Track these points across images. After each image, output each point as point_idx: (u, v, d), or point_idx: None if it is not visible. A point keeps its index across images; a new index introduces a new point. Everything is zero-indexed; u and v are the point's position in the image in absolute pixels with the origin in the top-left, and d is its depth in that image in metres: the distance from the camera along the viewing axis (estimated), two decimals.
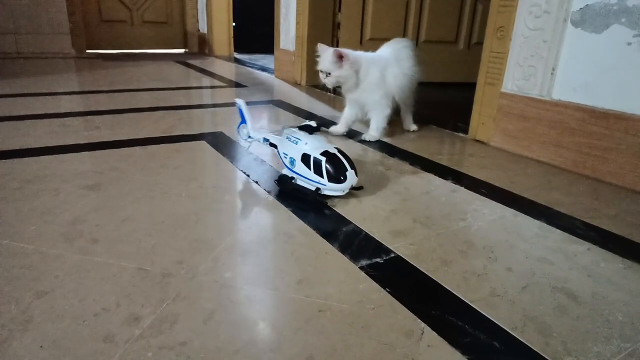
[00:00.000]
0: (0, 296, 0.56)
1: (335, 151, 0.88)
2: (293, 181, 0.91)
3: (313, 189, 0.88)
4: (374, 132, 1.35)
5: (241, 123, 1.07)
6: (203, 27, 3.74)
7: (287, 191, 0.92)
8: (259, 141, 1.03)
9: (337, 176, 0.85)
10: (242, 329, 0.52)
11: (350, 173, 0.86)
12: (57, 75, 2.31)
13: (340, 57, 1.21)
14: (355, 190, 0.92)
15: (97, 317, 0.52)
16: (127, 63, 2.94)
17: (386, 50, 1.38)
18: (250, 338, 0.51)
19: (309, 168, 0.87)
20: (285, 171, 0.94)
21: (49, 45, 3.06)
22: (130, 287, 0.58)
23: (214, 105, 1.82)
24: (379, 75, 1.27)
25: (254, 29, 4.05)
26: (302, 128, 0.91)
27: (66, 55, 3.10)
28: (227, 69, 2.90)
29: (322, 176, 0.85)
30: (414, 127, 1.50)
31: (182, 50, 3.86)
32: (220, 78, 2.52)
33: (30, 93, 1.83)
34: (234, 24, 3.68)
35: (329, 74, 1.24)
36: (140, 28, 3.65)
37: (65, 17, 3.05)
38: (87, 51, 3.28)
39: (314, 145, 0.88)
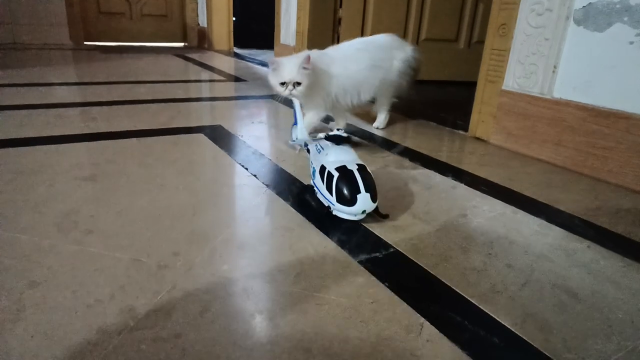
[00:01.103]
0: None
1: (355, 168, 0.76)
2: (314, 194, 0.83)
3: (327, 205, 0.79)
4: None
5: (294, 124, 1.02)
6: (203, 21, 3.72)
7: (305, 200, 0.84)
8: (300, 145, 0.97)
9: (345, 197, 0.74)
10: (239, 322, 0.51)
11: (363, 196, 0.73)
12: (53, 67, 2.29)
13: (308, 62, 1.10)
14: (378, 216, 0.79)
15: (91, 308, 0.51)
16: (126, 56, 2.92)
17: (341, 48, 1.28)
18: (246, 331, 0.50)
19: (323, 182, 0.78)
20: (312, 182, 0.85)
21: (46, 36, 3.04)
22: (125, 278, 0.57)
23: (213, 99, 1.81)
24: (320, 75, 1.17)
25: (254, 24, 4.03)
26: (330, 138, 0.83)
27: (63, 46, 3.07)
28: (226, 64, 2.88)
29: (331, 194, 0.75)
30: (377, 123, 1.46)
31: (181, 44, 3.84)
32: (220, 72, 2.50)
33: (26, 83, 1.81)
34: (234, 18, 3.66)
35: (299, 83, 1.10)
36: (139, 21, 3.62)
37: (63, 8, 3.03)
38: (85, 43, 3.26)
39: (335, 158, 0.79)
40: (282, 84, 1.11)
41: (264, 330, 0.50)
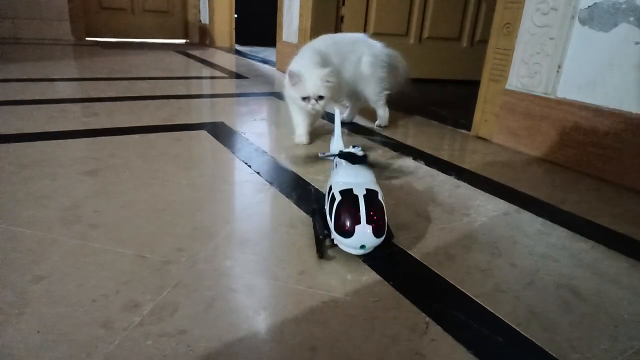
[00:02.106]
0: None
1: (361, 194, 0.63)
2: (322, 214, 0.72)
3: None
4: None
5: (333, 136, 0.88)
6: (204, 18, 3.71)
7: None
8: (330, 158, 0.85)
9: (342, 226, 0.62)
10: (243, 318, 0.51)
11: (362, 228, 0.61)
12: (55, 62, 2.28)
13: (330, 74, 1.09)
14: (384, 251, 0.68)
15: (96, 302, 0.51)
16: (127, 51, 2.91)
17: (318, 41, 1.29)
18: (251, 327, 0.50)
19: (326, 204, 0.69)
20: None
21: (47, 31, 3.03)
22: (130, 273, 0.57)
23: (215, 96, 1.81)
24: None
25: (255, 21, 4.02)
26: (343, 155, 0.72)
27: (65, 41, 3.06)
28: (227, 60, 2.87)
29: (331, 219, 0.65)
30: (378, 122, 1.45)
31: (182, 41, 3.83)
32: (221, 69, 2.50)
33: (28, 78, 1.80)
34: (235, 15, 3.65)
35: (321, 97, 1.09)
36: (140, 16, 3.61)
37: (64, 3, 3.01)
38: (87, 38, 3.25)
39: (344, 179, 0.67)
40: (305, 98, 1.09)
41: (268, 327, 0.50)
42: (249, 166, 1.00)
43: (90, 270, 0.57)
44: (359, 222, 0.61)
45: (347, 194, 0.64)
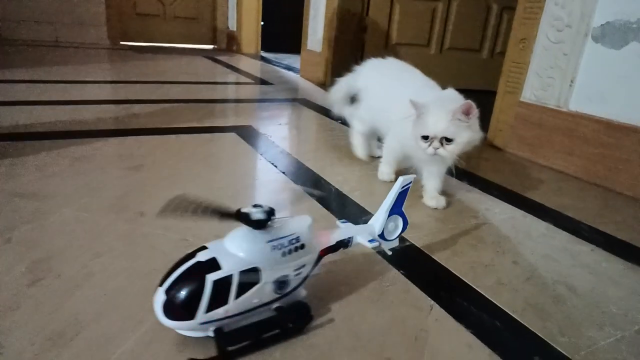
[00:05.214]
0: (64, 255, 0.64)
1: (216, 278, 0.46)
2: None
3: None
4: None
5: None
6: (232, 25, 3.85)
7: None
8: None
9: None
10: None
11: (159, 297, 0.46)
12: (95, 65, 2.43)
13: (468, 112, 0.81)
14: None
15: (148, 275, 0.60)
16: (158, 56, 3.06)
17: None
18: None
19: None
20: None
21: (85, 36, 3.20)
22: (176, 252, 0.65)
23: (242, 101, 1.91)
24: None
25: (281, 29, 4.14)
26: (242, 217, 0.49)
27: (101, 45, 3.23)
28: (253, 67, 2.99)
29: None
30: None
31: (210, 46, 3.98)
32: (247, 75, 2.61)
33: (72, 80, 1.94)
34: (262, 22, 3.77)
35: (449, 140, 0.82)
36: (171, 22, 3.77)
37: (102, 9, 3.18)
38: (121, 42, 3.41)
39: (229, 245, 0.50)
40: (425, 137, 0.83)
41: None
42: (275, 166, 1.09)
43: (142, 249, 0.66)
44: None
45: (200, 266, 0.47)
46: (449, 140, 0.82)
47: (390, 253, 0.67)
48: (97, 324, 0.51)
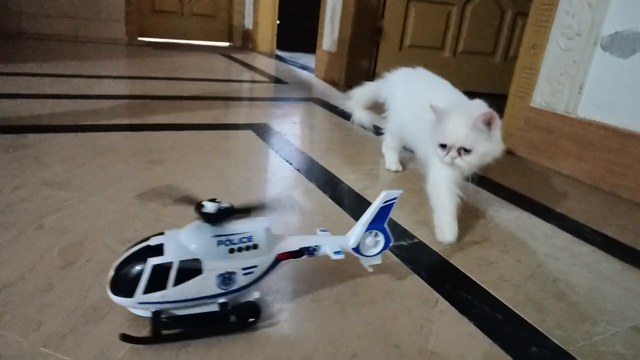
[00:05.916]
0: (93, 241, 0.69)
1: (155, 263, 0.48)
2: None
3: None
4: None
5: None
6: (248, 23, 3.90)
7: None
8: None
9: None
10: (289, 283, 0.64)
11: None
12: (114, 60, 2.50)
13: (489, 122, 0.78)
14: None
15: None
16: (175, 52, 3.12)
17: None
18: (294, 290, 0.62)
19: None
20: None
21: (104, 31, 3.27)
22: None
23: (257, 99, 1.96)
24: None
25: (296, 28, 4.19)
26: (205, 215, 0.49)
27: (120, 41, 3.30)
28: (268, 65, 3.03)
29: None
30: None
31: (226, 44, 4.04)
32: (262, 73, 2.66)
33: (93, 75, 2.00)
34: (278, 21, 3.82)
35: (468, 150, 0.78)
36: (188, 20, 3.84)
37: (122, 5, 3.25)
38: (138, 38, 3.48)
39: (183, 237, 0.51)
40: (442, 146, 0.80)
41: (308, 292, 0.62)
42: (290, 164, 1.13)
43: None
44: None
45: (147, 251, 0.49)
46: (467, 150, 0.78)
47: (371, 270, 0.65)
48: None
